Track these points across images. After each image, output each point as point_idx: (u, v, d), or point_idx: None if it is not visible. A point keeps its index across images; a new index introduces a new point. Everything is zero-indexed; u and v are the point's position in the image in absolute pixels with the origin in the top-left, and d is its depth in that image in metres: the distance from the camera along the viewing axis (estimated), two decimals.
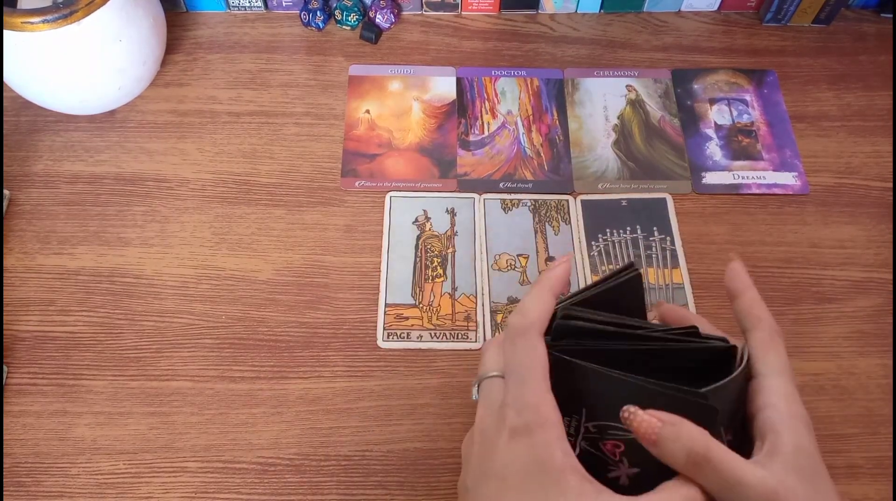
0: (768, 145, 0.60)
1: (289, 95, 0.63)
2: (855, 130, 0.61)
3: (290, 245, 0.55)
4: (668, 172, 0.59)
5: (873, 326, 0.52)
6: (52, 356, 0.51)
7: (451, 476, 0.46)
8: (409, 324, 0.52)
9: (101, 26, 0.54)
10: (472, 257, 0.55)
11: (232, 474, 0.47)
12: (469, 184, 0.58)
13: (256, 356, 0.51)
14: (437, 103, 0.63)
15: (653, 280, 0.54)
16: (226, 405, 0.49)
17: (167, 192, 0.58)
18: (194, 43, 0.66)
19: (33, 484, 0.46)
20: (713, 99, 0.63)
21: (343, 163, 0.59)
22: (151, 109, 0.62)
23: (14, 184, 0.58)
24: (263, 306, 0.53)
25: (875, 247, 0.56)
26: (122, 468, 0.47)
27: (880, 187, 0.58)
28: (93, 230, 0.56)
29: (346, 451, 0.48)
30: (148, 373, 0.50)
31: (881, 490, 0.46)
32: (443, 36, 0.67)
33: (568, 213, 0.57)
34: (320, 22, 0.66)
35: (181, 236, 0.56)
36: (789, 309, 0.53)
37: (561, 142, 0.61)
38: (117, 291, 0.53)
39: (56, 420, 0.48)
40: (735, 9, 0.68)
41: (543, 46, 0.66)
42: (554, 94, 0.63)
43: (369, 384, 0.50)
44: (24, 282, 0.54)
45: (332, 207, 0.57)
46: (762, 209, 0.57)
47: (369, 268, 0.54)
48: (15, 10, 0.51)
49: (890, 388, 0.50)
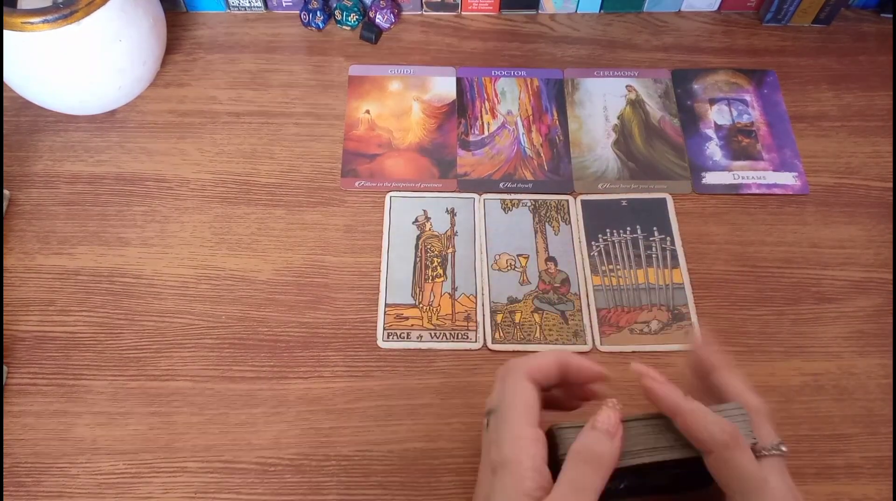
0: (768, 145, 0.60)
1: (289, 95, 0.63)
2: (855, 130, 0.61)
3: (290, 245, 0.55)
4: (668, 172, 0.59)
5: (873, 326, 0.52)
6: (52, 356, 0.51)
7: (452, 476, 0.46)
8: (409, 324, 0.52)
9: (101, 26, 0.54)
10: (472, 257, 0.55)
11: (232, 474, 0.47)
12: (469, 184, 0.58)
13: (256, 356, 0.51)
14: (437, 103, 0.63)
15: (653, 280, 0.54)
16: (226, 405, 0.49)
17: (167, 192, 0.58)
18: (194, 43, 0.66)
19: (33, 484, 0.46)
20: (713, 99, 0.63)
21: (343, 163, 0.59)
22: (151, 109, 0.62)
23: (14, 184, 0.58)
24: (263, 306, 0.53)
25: (875, 247, 0.56)
26: (122, 468, 0.47)
27: (880, 187, 0.58)
28: (92, 230, 0.56)
29: (346, 451, 0.47)
30: (148, 373, 0.50)
31: (881, 490, 0.46)
32: (443, 36, 0.67)
33: (568, 213, 0.57)
34: (320, 22, 0.66)
35: (181, 236, 0.56)
36: (789, 309, 0.53)
37: (561, 142, 0.61)
38: (117, 291, 0.53)
39: (56, 420, 0.48)
40: (735, 9, 0.68)
41: (543, 46, 0.66)
42: (554, 94, 0.63)
43: (369, 384, 0.50)
44: (24, 282, 0.54)
45: (332, 207, 0.57)
46: (762, 209, 0.57)
47: (369, 268, 0.54)
48: (15, 10, 0.51)
49: (890, 388, 0.50)
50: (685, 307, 0.53)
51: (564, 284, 0.54)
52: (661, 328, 0.52)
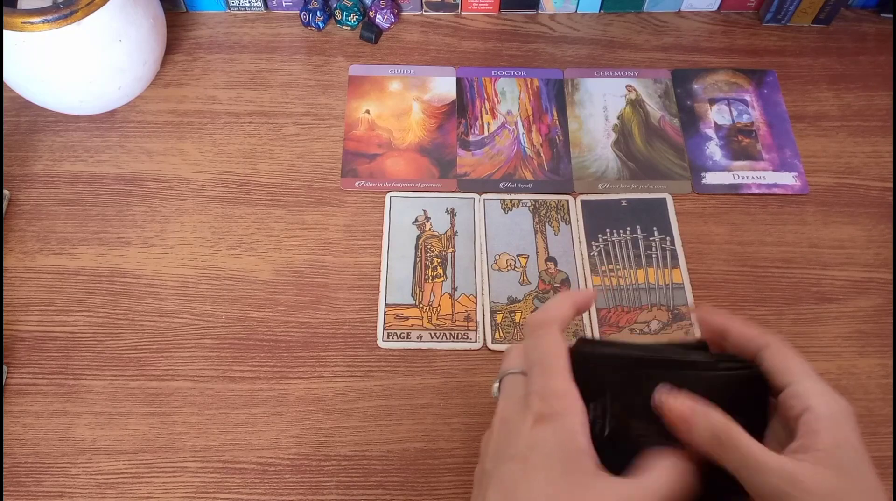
0: (768, 145, 0.60)
1: (289, 95, 0.63)
2: (855, 130, 0.61)
3: (290, 245, 0.55)
4: (668, 172, 0.59)
5: (873, 326, 0.52)
6: (52, 356, 0.51)
7: (451, 476, 0.46)
8: (409, 324, 0.52)
9: (101, 26, 0.54)
10: (472, 257, 0.55)
11: (232, 474, 0.47)
12: (469, 184, 0.58)
13: (256, 356, 0.51)
14: (437, 103, 0.63)
15: (653, 280, 0.54)
16: (226, 405, 0.49)
17: (167, 192, 0.58)
18: (194, 43, 0.66)
19: (33, 484, 0.46)
20: (713, 99, 0.63)
21: (343, 163, 0.59)
22: (151, 109, 0.62)
23: (14, 184, 0.58)
24: (263, 306, 0.53)
25: (875, 247, 0.56)
26: (122, 468, 0.47)
27: (880, 187, 0.58)
28: (92, 230, 0.56)
29: (346, 451, 0.48)
30: (148, 373, 0.50)
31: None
32: (442, 36, 0.67)
33: (568, 213, 0.57)
34: (320, 22, 0.66)
35: (181, 236, 0.56)
36: (789, 309, 0.53)
37: (561, 142, 0.61)
38: (117, 291, 0.53)
39: (56, 420, 0.48)
40: (735, 9, 0.68)
41: (543, 46, 0.66)
42: (554, 94, 0.63)
43: (369, 384, 0.50)
44: (24, 282, 0.54)
45: (332, 207, 0.57)
46: (762, 209, 0.57)
47: (369, 268, 0.54)
48: (15, 10, 0.51)
49: (890, 388, 0.50)
50: (685, 307, 0.53)
51: (564, 284, 0.54)
52: (661, 328, 0.52)
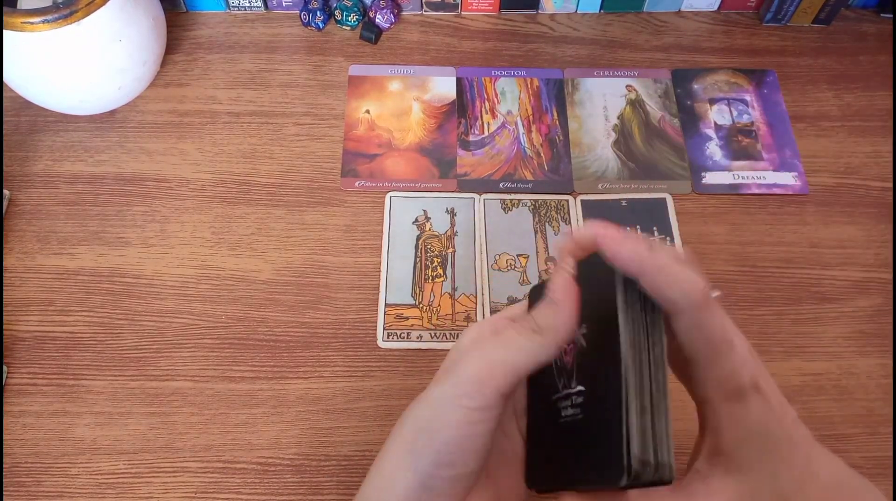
0: (768, 145, 0.60)
1: (289, 95, 0.63)
2: (855, 130, 0.61)
3: (289, 245, 0.55)
4: (668, 172, 0.59)
5: (873, 326, 0.52)
6: (52, 356, 0.51)
7: None
8: (409, 324, 0.52)
9: (101, 26, 0.54)
10: (472, 257, 0.55)
11: (232, 474, 0.47)
12: (469, 184, 0.58)
13: (256, 356, 0.51)
14: (437, 103, 0.63)
15: None
16: (226, 405, 0.49)
17: (167, 192, 0.58)
18: (194, 43, 0.66)
19: (33, 484, 0.46)
20: (713, 99, 0.63)
21: (343, 163, 0.59)
22: (151, 109, 0.62)
23: (14, 184, 0.58)
24: (263, 306, 0.53)
25: (875, 247, 0.56)
26: (122, 468, 0.47)
27: (880, 187, 0.58)
28: (92, 230, 0.56)
29: (346, 451, 0.48)
30: (148, 373, 0.50)
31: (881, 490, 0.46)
32: (442, 36, 0.67)
33: (568, 213, 0.57)
34: (320, 22, 0.66)
35: (181, 236, 0.56)
36: (789, 309, 0.53)
37: (561, 142, 0.61)
38: (117, 291, 0.53)
39: (56, 420, 0.48)
40: (735, 9, 0.68)
41: (543, 46, 0.66)
42: (554, 94, 0.63)
43: (369, 384, 0.50)
44: (24, 282, 0.54)
45: (332, 207, 0.57)
46: (762, 209, 0.57)
47: (369, 268, 0.54)
48: (15, 10, 0.51)
49: (890, 388, 0.50)
50: None
51: None
52: None
